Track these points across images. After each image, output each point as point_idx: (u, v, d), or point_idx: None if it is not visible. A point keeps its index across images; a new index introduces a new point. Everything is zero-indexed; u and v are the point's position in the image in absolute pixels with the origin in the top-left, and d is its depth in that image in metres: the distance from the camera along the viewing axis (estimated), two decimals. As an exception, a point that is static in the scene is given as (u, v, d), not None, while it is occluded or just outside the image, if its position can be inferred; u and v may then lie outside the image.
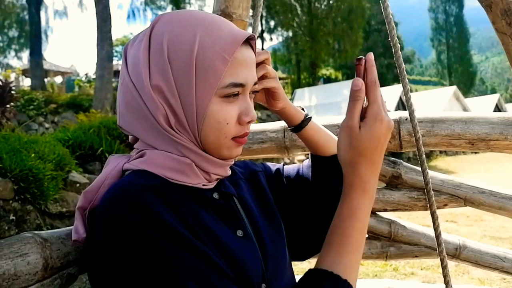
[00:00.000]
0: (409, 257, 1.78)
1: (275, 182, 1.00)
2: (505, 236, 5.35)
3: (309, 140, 1.02)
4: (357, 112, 0.74)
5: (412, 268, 4.20)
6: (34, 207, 4.05)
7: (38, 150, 4.30)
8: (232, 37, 0.74)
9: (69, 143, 5.12)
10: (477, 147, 1.48)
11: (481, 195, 1.61)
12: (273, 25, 32.40)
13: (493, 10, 1.35)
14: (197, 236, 0.68)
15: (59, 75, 29.14)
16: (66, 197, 4.52)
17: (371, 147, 0.73)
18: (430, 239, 1.73)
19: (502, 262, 1.63)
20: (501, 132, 1.41)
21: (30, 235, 0.74)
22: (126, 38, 51.55)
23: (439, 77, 67.01)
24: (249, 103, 0.78)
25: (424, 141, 1.46)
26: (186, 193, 0.73)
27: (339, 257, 0.71)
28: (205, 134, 0.75)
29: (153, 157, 0.74)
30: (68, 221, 4.51)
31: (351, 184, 0.75)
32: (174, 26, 0.74)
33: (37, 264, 0.72)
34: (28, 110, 13.42)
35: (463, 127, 1.44)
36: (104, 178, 0.75)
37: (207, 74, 0.72)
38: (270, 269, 0.78)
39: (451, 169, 13.58)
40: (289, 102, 0.97)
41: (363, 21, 30.86)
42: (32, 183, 3.90)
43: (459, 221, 6.17)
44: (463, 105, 23.18)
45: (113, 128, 5.73)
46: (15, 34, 34.48)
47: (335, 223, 0.75)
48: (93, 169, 5.25)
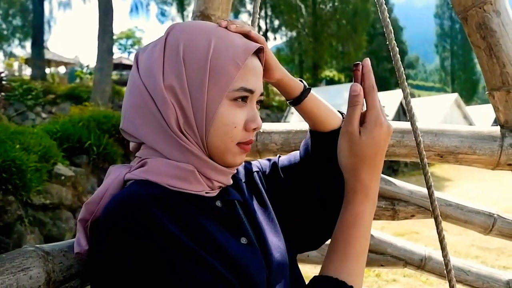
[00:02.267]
0: (375, 266, 1.76)
1: (272, 178, 0.98)
2: (493, 246, 5.34)
3: (309, 113, 0.96)
4: (356, 117, 0.75)
5: (394, 275, 4.18)
6: (16, 198, 4.03)
7: (23, 141, 4.28)
8: (244, 46, 0.76)
9: (57, 135, 5.11)
10: (446, 160, 1.46)
11: (447, 208, 1.59)
12: (277, 25, 32.39)
13: (468, 23, 1.33)
14: (202, 246, 0.67)
15: (62, 65, 29.20)
16: (51, 189, 4.50)
17: (371, 152, 0.74)
18: (396, 248, 1.71)
19: (466, 275, 1.61)
20: (469, 146, 1.39)
21: (32, 249, 0.73)
22: (128, 32, 51.67)
23: (442, 83, 67.07)
24: (256, 111, 0.78)
25: (393, 151, 1.44)
26: (189, 202, 0.72)
27: (344, 263, 0.71)
28: (212, 137, 0.74)
29: (155, 165, 0.73)
30: (51, 213, 4.49)
31: (353, 190, 0.75)
32: (190, 32, 0.76)
33: (39, 278, 0.71)
34: (26, 99, 13.41)
35: (433, 139, 1.42)
36: (105, 189, 0.73)
37: (219, 77, 0.73)
38: (273, 276, 0.78)
39: (448, 177, 13.57)
40: (287, 73, 0.92)
41: (367, 24, 30.86)
42: (14, 174, 3.88)
43: (448, 229, 6.13)
44: (464, 112, 23.14)
45: (103, 122, 5.73)
46: (19, 23, 34.56)
47: (338, 229, 0.75)
48: (80, 162, 5.23)
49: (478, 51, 1.35)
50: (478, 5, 1.27)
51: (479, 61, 1.37)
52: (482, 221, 1.55)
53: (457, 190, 10.73)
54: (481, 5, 1.27)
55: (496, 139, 1.35)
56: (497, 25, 1.27)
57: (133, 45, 52.92)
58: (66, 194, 4.68)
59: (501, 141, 1.34)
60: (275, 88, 0.95)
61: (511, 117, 1.33)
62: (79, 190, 4.93)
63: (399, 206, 1.60)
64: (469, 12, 1.31)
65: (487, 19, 1.27)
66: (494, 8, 1.26)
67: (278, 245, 0.84)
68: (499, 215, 1.54)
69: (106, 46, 15.21)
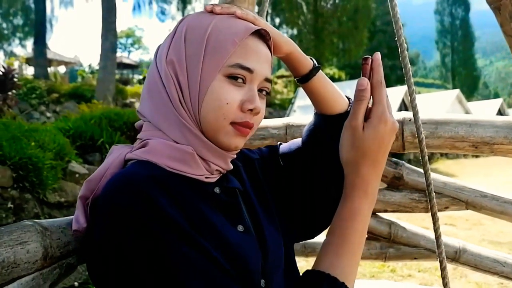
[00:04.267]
0: (408, 259, 1.77)
1: (272, 165, 0.98)
2: (504, 241, 5.34)
3: (316, 93, 0.94)
4: (361, 112, 0.74)
5: (409, 270, 4.19)
6: (32, 195, 4.04)
7: (38, 138, 4.29)
8: (245, 26, 0.76)
9: (69, 133, 5.12)
10: (481, 151, 1.47)
11: (483, 199, 1.60)
12: (279, 22, 32.33)
13: (501, 12, 1.33)
14: (198, 229, 0.67)
15: (63, 65, 29.17)
16: (65, 187, 4.51)
17: (374, 147, 0.73)
18: (429, 241, 1.72)
19: (502, 266, 1.62)
20: (505, 136, 1.40)
21: (31, 223, 0.74)
22: (128, 31, 51.55)
23: (443, 80, 66.97)
24: (255, 93, 0.76)
25: (427, 142, 1.44)
26: (187, 186, 0.73)
27: (337, 258, 0.70)
28: (204, 112, 0.74)
29: (155, 146, 0.74)
30: (66, 211, 4.50)
31: (352, 185, 0.74)
32: (196, 16, 0.80)
33: (36, 252, 0.71)
34: (30, 98, 13.40)
35: (467, 130, 1.43)
36: (106, 168, 0.74)
37: (215, 52, 0.74)
38: (269, 265, 0.78)
39: (451, 172, 13.56)
40: (297, 48, 0.91)
41: (368, 21, 30.78)
42: (31, 172, 3.89)
43: (458, 224, 6.16)
44: (465, 108, 23.12)
45: (115, 119, 5.73)
46: (20, 22, 34.48)
47: (334, 223, 0.74)
48: (93, 160, 5.24)
49: (511, 40, 1.36)
50: (513, -5, 1.28)
51: (512, 51, 1.38)
52: (518, 212, 1.56)
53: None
54: (516, -5, 1.28)
55: (532, 129, 1.36)
56: (531, 15, 1.28)
57: (133, 44, 52.84)
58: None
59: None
60: (277, 82, 0.94)
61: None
62: (92, 187, 4.94)
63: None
64: (502, 1, 1.32)
65: (522, 8, 1.28)
66: (529, -2, 1.27)
67: (274, 234, 0.84)
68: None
69: (109, 44, 15.20)
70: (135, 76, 30.85)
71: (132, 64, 33.03)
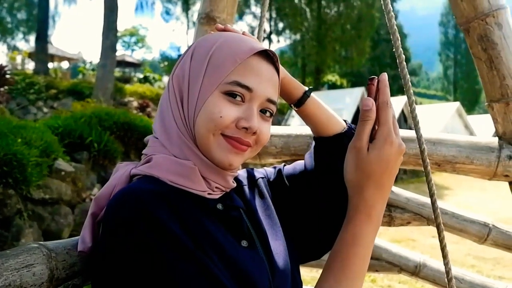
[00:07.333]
0: (370, 271, 1.77)
1: (277, 185, 0.97)
2: (489, 257, 5.34)
3: (311, 116, 0.95)
4: (366, 133, 0.72)
5: (390, 281, 4.18)
6: (16, 191, 4.04)
7: (25, 135, 4.29)
8: (249, 46, 0.76)
9: (58, 131, 5.12)
10: (444, 169, 1.47)
11: (443, 216, 1.59)
12: (282, 28, 32.40)
13: (470, 34, 1.35)
14: (201, 246, 0.66)
15: (65, 60, 29.21)
16: (50, 184, 4.51)
17: (379, 170, 0.71)
18: (391, 254, 1.73)
19: (460, 283, 1.62)
20: (467, 155, 1.40)
21: (36, 245, 0.75)
22: (132, 29, 51.63)
23: (445, 91, 67.00)
24: (253, 112, 0.75)
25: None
26: (190, 201, 0.73)
27: (338, 284, 0.69)
28: (198, 127, 0.74)
29: (159, 162, 0.75)
30: (50, 208, 4.50)
31: (355, 208, 0.73)
32: (207, 35, 0.82)
33: (42, 275, 0.72)
34: (28, 93, 13.42)
35: (431, 148, 1.43)
36: (114, 185, 0.75)
37: (215, 69, 0.75)
38: (276, 281, 0.76)
39: (447, 185, 13.55)
40: (288, 74, 0.92)
41: (371, 30, 30.81)
42: (15, 168, 3.88)
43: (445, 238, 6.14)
44: (465, 122, 23.13)
45: (105, 119, 5.73)
46: (23, 17, 34.55)
47: (336, 248, 0.73)
48: (80, 158, 5.23)
49: (479, 62, 1.37)
50: (480, 18, 1.29)
51: (480, 73, 1.39)
52: (477, 230, 1.56)
53: (456, 199, 10.72)
54: (484, 18, 1.28)
55: (494, 150, 1.36)
56: (498, 37, 1.28)
57: (137, 42, 52.93)
58: (65, 189, 4.68)
59: (499, 152, 1.36)
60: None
61: (509, 128, 1.35)
62: (79, 186, 4.94)
63: (396, 212, 1.61)
64: (471, 24, 1.32)
65: (489, 31, 1.29)
66: (496, 21, 1.28)
67: (281, 251, 0.83)
68: (494, 225, 1.56)
69: (109, 43, 15.22)
70: (136, 74, 30.91)
71: (135, 63, 33.09)
